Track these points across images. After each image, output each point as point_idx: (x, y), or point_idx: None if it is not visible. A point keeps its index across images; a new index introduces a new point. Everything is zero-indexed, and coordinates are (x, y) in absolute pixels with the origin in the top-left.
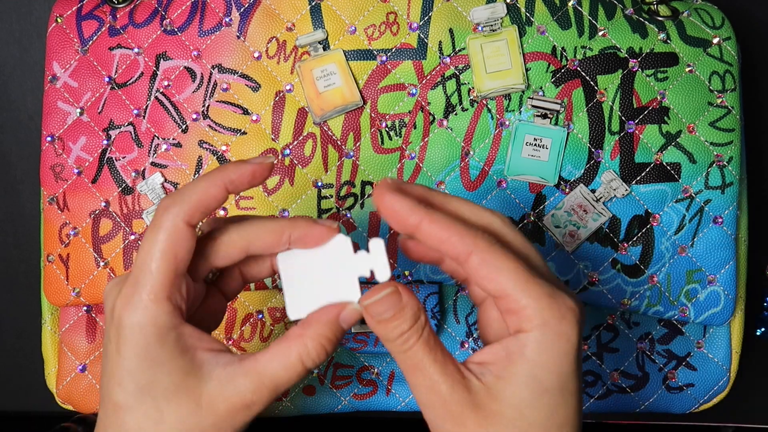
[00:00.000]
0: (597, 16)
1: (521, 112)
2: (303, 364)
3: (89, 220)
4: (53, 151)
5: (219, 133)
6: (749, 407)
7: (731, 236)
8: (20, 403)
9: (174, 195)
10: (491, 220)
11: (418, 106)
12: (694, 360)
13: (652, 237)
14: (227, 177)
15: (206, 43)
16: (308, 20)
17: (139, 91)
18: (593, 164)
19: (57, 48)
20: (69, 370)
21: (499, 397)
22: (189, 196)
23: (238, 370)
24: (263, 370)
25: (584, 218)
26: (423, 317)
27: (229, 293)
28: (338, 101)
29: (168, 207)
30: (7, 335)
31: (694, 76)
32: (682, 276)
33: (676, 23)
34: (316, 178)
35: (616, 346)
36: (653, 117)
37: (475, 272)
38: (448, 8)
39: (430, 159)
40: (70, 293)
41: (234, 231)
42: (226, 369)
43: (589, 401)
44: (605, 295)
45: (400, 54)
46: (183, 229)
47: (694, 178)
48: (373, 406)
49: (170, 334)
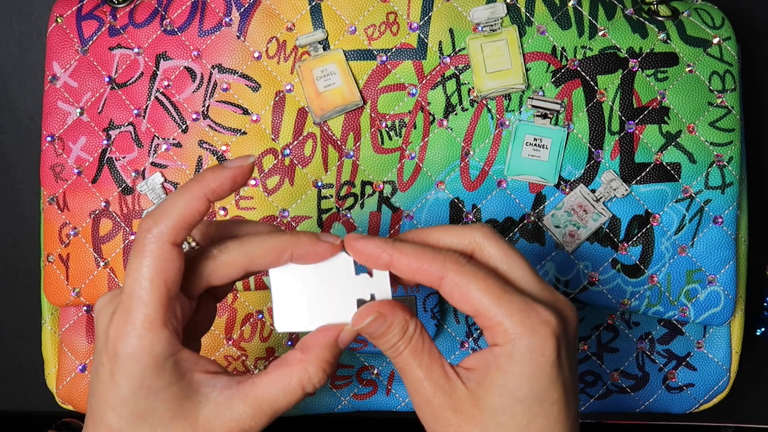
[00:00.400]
0: (597, 16)
1: (521, 112)
2: (303, 389)
3: (89, 220)
4: (53, 151)
5: (219, 133)
6: (749, 407)
7: (731, 236)
8: (20, 403)
9: (154, 214)
10: (472, 236)
11: (418, 106)
12: (694, 360)
13: (652, 237)
14: (207, 187)
15: (206, 43)
16: (308, 20)
17: (139, 91)
18: (593, 164)
19: (57, 48)
20: (69, 370)
21: (479, 402)
22: (170, 214)
23: (236, 395)
24: (262, 395)
25: (584, 218)
26: (412, 326)
27: (219, 296)
28: (338, 101)
29: (150, 228)
30: (7, 335)
31: (694, 76)
32: (682, 276)
33: (676, 23)
34: (316, 178)
35: (616, 346)
36: (653, 117)
37: (449, 296)
38: (448, 8)
39: (430, 159)
40: (70, 293)
41: (234, 249)
42: (224, 393)
43: (589, 401)
44: (605, 295)
45: (400, 54)
46: (169, 250)
47: (694, 178)
48: (373, 406)
49: (167, 361)
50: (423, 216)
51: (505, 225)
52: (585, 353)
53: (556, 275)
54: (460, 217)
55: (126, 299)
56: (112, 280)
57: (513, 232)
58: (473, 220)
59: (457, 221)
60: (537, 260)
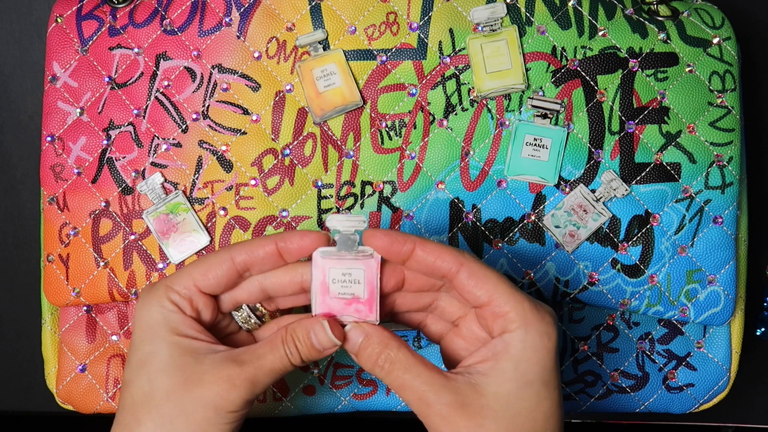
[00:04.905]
0: (597, 16)
1: (521, 112)
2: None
3: (89, 220)
4: (53, 151)
5: (219, 133)
6: (749, 407)
7: (731, 236)
8: (20, 403)
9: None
10: (464, 252)
11: (418, 106)
12: (694, 360)
13: (652, 237)
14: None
15: (206, 43)
16: (308, 20)
17: (139, 91)
18: (593, 164)
19: (57, 48)
20: (69, 370)
21: (486, 392)
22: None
23: (231, 359)
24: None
25: (584, 218)
26: (394, 343)
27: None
28: (338, 101)
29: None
30: (7, 335)
31: (694, 76)
32: (682, 276)
33: (676, 23)
34: (316, 178)
35: (616, 346)
36: (653, 117)
37: (464, 283)
38: (448, 8)
39: (430, 159)
40: (70, 293)
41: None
42: (219, 355)
43: (589, 401)
44: (605, 295)
45: (400, 54)
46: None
47: (694, 178)
48: (373, 406)
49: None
50: (423, 216)
51: (505, 225)
52: (585, 353)
53: (556, 275)
54: (460, 217)
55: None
56: (112, 280)
57: (513, 232)
58: (473, 220)
59: (457, 221)
60: (537, 260)
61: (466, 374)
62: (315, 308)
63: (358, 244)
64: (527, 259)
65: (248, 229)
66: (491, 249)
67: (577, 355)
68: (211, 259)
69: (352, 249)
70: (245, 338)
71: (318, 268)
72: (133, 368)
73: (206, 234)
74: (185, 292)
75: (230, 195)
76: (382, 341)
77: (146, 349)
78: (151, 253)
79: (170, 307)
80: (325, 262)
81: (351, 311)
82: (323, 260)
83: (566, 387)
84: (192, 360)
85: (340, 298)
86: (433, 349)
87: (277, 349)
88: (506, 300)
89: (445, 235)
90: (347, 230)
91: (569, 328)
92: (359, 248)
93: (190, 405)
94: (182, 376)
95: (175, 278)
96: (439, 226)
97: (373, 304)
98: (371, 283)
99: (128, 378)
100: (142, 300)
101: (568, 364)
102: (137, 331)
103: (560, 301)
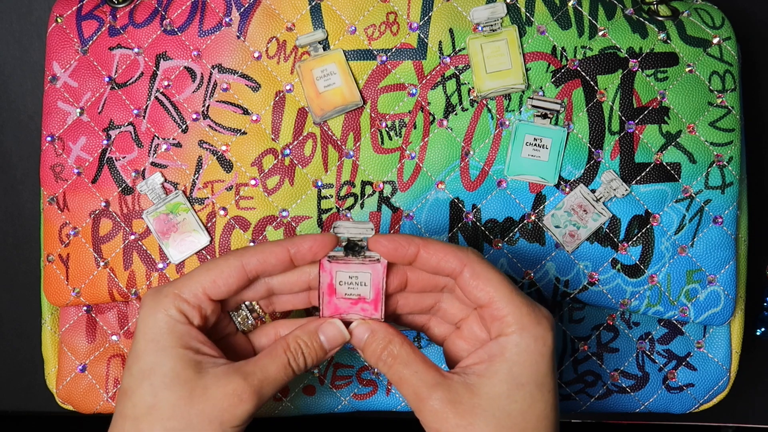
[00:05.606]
0: (597, 16)
1: (521, 112)
2: (292, 368)
3: (89, 220)
4: (53, 151)
5: (219, 133)
6: (749, 407)
7: (731, 236)
8: (20, 403)
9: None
10: (465, 253)
11: (418, 106)
12: (694, 360)
13: (652, 237)
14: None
15: (206, 43)
16: (308, 20)
17: (139, 91)
18: (593, 164)
19: (57, 48)
20: (69, 370)
21: (479, 392)
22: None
23: (236, 371)
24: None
25: (584, 218)
26: (397, 339)
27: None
28: (338, 101)
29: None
30: (7, 335)
31: (694, 76)
32: (682, 276)
33: (676, 23)
34: (316, 178)
35: (616, 346)
36: (653, 117)
37: (467, 283)
38: (448, 8)
39: (430, 159)
40: (70, 293)
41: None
42: (222, 368)
43: (589, 401)
44: (605, 295)
45: (400, 54)
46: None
47: (694, 178)
48: (373, 406)
49: (177, 326)
50: (423, 216)
51: (505, 225)
52: (585, 353)
53: (556, 275)
54: (460, 217)
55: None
56: (112, 280)
57: (513, 232)
58: (473, 220)
59: (457, 221)
60: (537, 260)
61: (462, 374)
62: (323, 310)
63: (365, 249)
64: (527, 259)
65: (248, 229)
66: (491, 249)
67: (577, 355)
68: (221, 266)
69: (360, 254)
70: (242, 341)
71: (326, 271)
72: (134, 377)
73: (206, 234)
74: (194, 300)
75: (230, 195)
76: (386, 337)
77: (150, 359)
78: (151, 253)
79: (177, 316)
80: (333, 266)
81: (357, 310)
82: (331, 264)
83: (566, 387)
84: (196, 373)
85: (346, 298)
86: (432, 349)
87: (279, 358)
88: (505, 303)
89: (445, 235)
90: (355, 237)
91: (569, 328)
92: (366, 253)
93: (196, 419)
94: (187, 390)
95: (184, 285)
96: (439, 226)
97: (378, 304)
98: (377, 286)
99: (129, 386)
100: (148, 305)
101: (568, 364)
102: (141, 337)
103: (560, 301)
